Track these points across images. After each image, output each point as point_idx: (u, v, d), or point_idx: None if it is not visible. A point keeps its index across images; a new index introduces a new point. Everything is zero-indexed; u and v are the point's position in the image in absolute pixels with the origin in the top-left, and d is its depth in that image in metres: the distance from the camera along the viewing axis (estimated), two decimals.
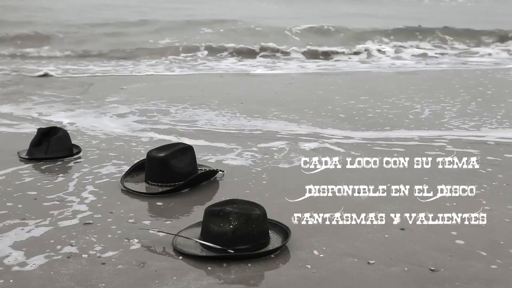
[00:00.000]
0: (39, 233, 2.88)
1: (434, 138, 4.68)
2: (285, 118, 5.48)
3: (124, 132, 5.03)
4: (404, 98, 6.45)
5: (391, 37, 12.31)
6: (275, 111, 5.77)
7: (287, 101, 6.37)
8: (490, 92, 6.87)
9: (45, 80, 8.10)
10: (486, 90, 7.00)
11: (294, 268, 2.54)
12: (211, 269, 2.53)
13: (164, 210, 3.25)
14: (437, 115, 5.61)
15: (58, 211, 3.17)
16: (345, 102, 6.23)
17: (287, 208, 3.17)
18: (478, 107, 5.97)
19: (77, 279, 2.43)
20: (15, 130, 5.13)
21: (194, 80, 8.31)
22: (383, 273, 2.48)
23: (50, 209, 3.20)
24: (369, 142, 4.58)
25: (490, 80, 7.89)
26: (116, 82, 7.84)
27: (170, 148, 3.62)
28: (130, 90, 7.18)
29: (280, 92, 7.09)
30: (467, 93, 6.75)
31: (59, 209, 3.19)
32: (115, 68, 9.37)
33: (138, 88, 7.38)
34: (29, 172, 3.91)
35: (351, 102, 6.22)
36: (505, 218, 3.06)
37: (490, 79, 7.96)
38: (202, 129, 5.11)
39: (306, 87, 7.60)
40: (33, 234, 2.88)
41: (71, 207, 3.22)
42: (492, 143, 4.59)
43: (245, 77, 8.62)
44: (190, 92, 7.00)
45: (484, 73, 8.64)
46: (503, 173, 3.80)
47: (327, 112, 5.74)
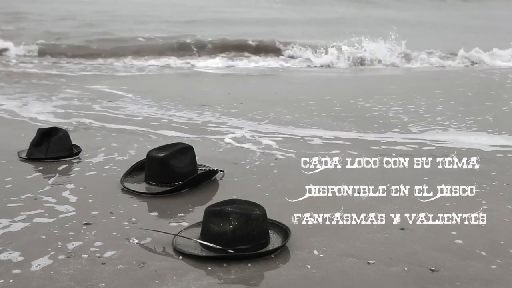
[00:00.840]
0: (38, 233, 2.88)
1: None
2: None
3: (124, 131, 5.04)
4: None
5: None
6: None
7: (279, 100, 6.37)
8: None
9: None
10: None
11: (294, 268, 2.54)
12: (211, 269, 2.53)
13: (164, 210, 3.25)
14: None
15: (57, 211, 3.16)
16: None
17: (287, 208, 3.17)
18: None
19: (77, 279, 2.43)
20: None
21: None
22: (383, 273, 2.48)
23: (50, 209, 3.20)
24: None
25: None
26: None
27: (170, 148, 3.62)
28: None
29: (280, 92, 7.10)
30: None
31: (59, 209, 3.19)
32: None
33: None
34: (28, 172, 3.91)
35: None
36: (505, 218, 3.06)
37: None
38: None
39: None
40: (32, 234, 2.87)
41: (71, 207, 3.22)
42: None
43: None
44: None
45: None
46: (503, 173, 3.80)
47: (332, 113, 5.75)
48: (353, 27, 12.92)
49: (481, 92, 7.27)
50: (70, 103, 6.34)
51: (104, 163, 4.07)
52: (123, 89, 7.25)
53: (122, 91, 7.08)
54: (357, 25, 14.08)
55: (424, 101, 6.37)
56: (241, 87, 7.95)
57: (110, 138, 4.80)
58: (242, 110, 5.92)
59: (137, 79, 8.56)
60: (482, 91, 7.32)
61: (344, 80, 8.90)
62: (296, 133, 4.96)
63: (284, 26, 14.87)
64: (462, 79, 8.35)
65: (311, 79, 8.77)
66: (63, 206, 3.24)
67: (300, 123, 5.31)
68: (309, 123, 5.31)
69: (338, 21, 15.77)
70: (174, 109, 5.95)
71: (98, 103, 6.33)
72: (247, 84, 8.33)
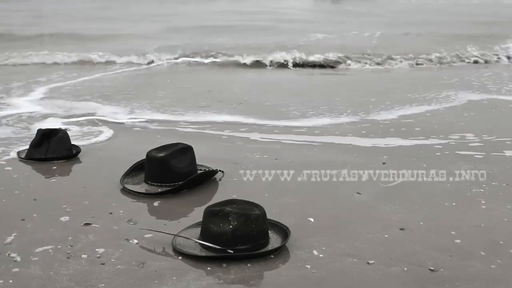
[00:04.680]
0: (38, 234, 2.88)
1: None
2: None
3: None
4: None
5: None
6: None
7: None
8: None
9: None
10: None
11: (294, 268, 2.54)
12: (210, 269, 2.53)
13: (163, 210, 3.25)
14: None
15: (57, 211, 3.17)
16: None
17: (287, 208, 3.17)
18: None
19: (77, 279, 2.43)
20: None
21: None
22: (383, 273, 2.48)
23: (49, 209, 3.20)
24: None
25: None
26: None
27: (170, 148, 3.62)
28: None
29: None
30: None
31: (58, 210, 3.19)
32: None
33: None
34: (29, 172, 3.91)
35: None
36: (505, 218, 3.06)
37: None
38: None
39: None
40: (32, 234, 2.87)
41: (70, 207, 3.22)
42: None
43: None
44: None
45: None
46: (503, 173, 3.80)
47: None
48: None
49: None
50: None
51: (104, 163, 4.07)
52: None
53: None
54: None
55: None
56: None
57: (110, 138, 4.81)
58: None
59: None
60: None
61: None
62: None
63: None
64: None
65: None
66: (62, 206, 3.24)
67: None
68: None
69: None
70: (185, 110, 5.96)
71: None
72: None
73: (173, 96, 6.63)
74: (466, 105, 5.99)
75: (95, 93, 6.79)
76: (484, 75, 8.02)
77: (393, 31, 12.90)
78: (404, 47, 10.29)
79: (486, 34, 11.73)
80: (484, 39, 10.76)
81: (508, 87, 7.06)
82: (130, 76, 8.37)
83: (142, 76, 8.37)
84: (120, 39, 11.90)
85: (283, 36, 12.09)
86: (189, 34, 12.56)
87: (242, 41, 11.32)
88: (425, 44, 10.63)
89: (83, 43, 11.26)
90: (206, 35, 12.33)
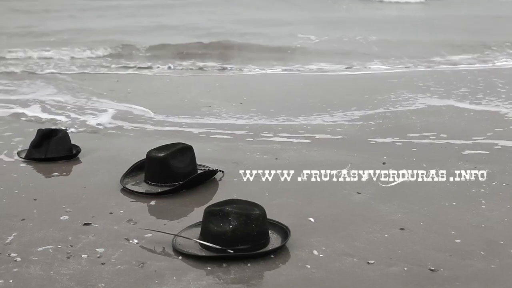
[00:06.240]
0: (38, 234, 2.88)
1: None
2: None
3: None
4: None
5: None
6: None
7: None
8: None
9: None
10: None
11: (294, 268, 2.54)
12: (210, 269, 2.53)
13: (163, 210, 3.25)
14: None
15: (57, 211, 3.17)
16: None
17: (287, 208, 3.18)
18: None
19: (77, 279, 2.43)
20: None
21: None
22: (383, 273, 2.48)
23: (49, 209, 3.20)
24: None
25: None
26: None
27: (170, 148, 3.62)
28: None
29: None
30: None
31: (58, 209, 3.19)
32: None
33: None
34: (29, 172, 3.91)
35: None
36: (505, 218, 3.06)
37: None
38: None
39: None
40: (32, 234, 2.88)
41: (70, 207, 3.22)
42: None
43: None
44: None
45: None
46: (503, 173, 3.80)
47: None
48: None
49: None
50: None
51: (104, 163, 4.07)
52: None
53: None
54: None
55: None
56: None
57: (109, 138, 4.81)
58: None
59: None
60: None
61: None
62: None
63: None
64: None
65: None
66: (62, 206, 3.24)
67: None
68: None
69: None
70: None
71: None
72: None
73: (173, 96, 6.63)
74: (466, 105, 5.98)
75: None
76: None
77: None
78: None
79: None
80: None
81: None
82: (128, 76, 8.36)
83: (141, 76, 8.36)
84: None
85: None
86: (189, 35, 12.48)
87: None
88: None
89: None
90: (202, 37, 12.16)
